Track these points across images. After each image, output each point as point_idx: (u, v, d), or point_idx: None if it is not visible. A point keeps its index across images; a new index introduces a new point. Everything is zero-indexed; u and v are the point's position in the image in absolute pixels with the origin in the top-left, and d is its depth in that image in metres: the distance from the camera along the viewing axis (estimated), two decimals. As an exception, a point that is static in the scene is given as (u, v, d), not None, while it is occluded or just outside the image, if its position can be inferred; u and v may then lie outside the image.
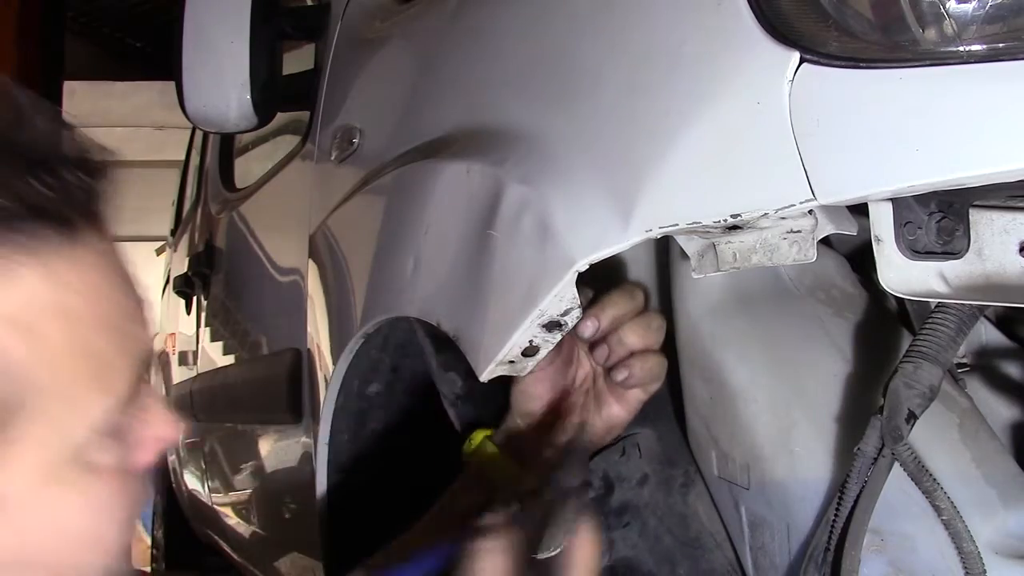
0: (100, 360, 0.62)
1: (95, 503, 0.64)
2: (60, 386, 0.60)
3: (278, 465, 2.16)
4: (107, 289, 0.63)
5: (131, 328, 0.65)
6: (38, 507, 0.61)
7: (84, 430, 0.61)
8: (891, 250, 0.73)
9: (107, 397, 0.62)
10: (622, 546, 1.03)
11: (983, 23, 0.62)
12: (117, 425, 0.64)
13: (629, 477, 1.05)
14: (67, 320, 0.60)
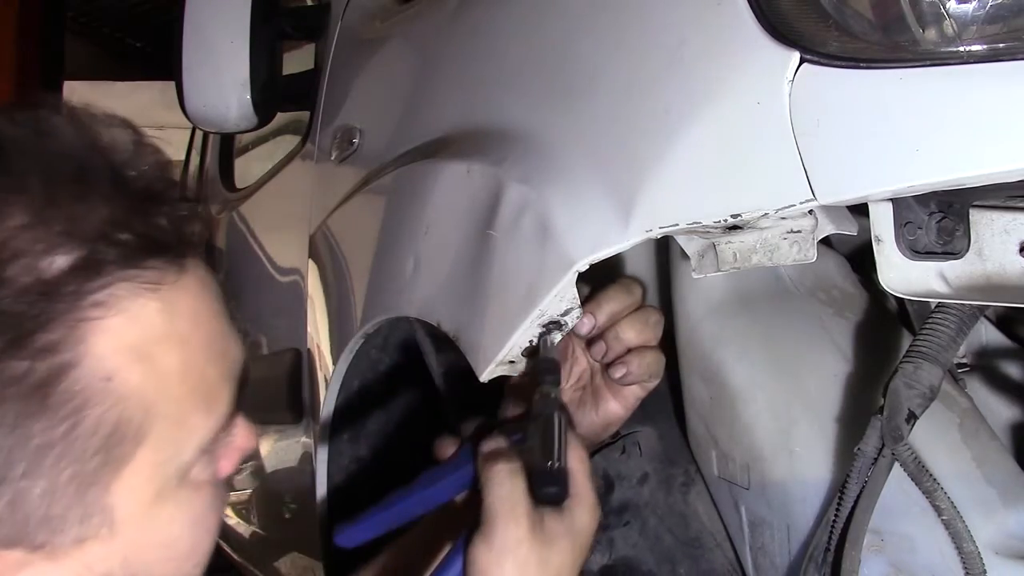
0: (207, 384, 0.66)
1: (194, 517, 0.67)
2: (172, 410, 0.63)
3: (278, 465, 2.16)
4: (208, 314, 0.67)
5: (228, 349, 0.69)
6: (148, 525, 0.64)
7: (192, 451, 0.65)
8: (891, 250, 0.73)
9: (212, 419, 0.66)
10: (622, 545, 1.03)
11: (983, 23, 0.62)
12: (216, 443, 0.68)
13: (629, 475, 1.05)
14: (180, 348, 0.64)
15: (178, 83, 1.58)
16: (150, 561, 0.65)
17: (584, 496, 0.81)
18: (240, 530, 2.74)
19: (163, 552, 0.66)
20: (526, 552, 0.76)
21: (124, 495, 0.62)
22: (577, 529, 0.80)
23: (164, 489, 0.64)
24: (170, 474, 0.64)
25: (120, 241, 0.61)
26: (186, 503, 0.66)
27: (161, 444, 0.63)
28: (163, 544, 0.66)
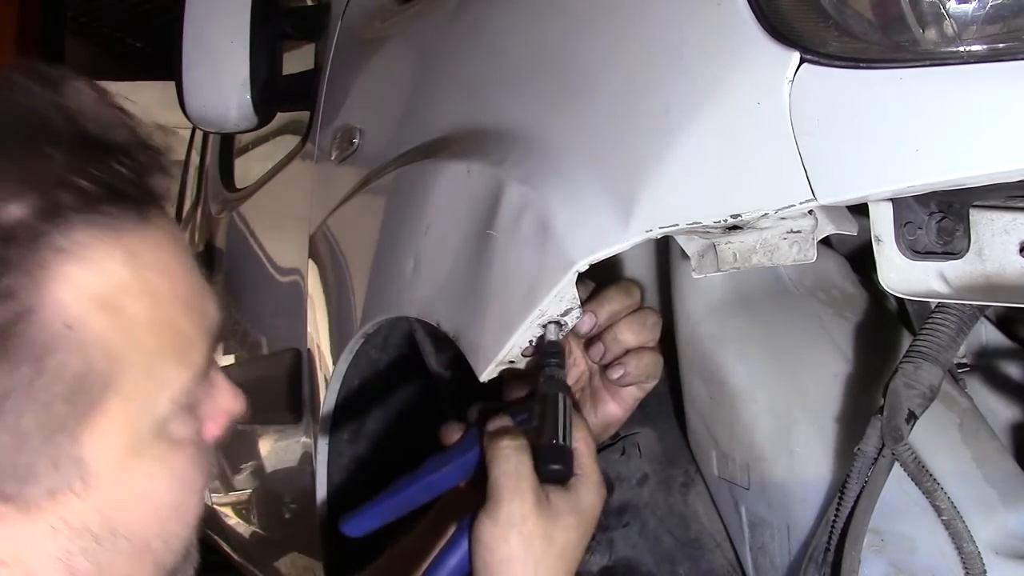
0: (179, 335, 0.65)
1: (177, 474, 0.67)
2: (143, 361, 0.63)
3: (278, 465, 2.16)
4: (177, 267, 0.67)
5: (202, 303, 0.68)
6: (126, 479, 0.64)
7: (166, 403, 0.64)
8: (891, 250, 0.73)
9: (186, 371, 0.65)
10: (622, 546, 1.03)
11: (983, 23, 0.62)
12: (193, 398, 0.67)
13: (629, 477, 1.05)
14: (149, 298, 0.63)
15: (178, 83, 1.58)
16: (131, 518, 0.65)
17: (589, 475, 0.82)
18: (240, 530, 2.74)
19: (144, 509, 0.65)
20: (531, 527, 0.76)
21: (96, 446, 0.62)
22: (583, 507, 0.80)
23: (139, 443, 0.63)
24: (144, 427, 0.64)
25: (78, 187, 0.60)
26: (165, 459, 0.66)
27: (132, 395, 0.62)
28: (143, 500, 0.65)
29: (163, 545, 0.67)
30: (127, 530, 0.65)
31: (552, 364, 0.86)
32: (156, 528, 0.66)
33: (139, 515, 0.65)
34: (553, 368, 0.86)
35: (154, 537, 0.66)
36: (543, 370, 0.86)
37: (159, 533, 0.67)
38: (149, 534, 0.66)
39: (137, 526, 0.65)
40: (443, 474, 0.88)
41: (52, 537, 0.62)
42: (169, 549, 0.68)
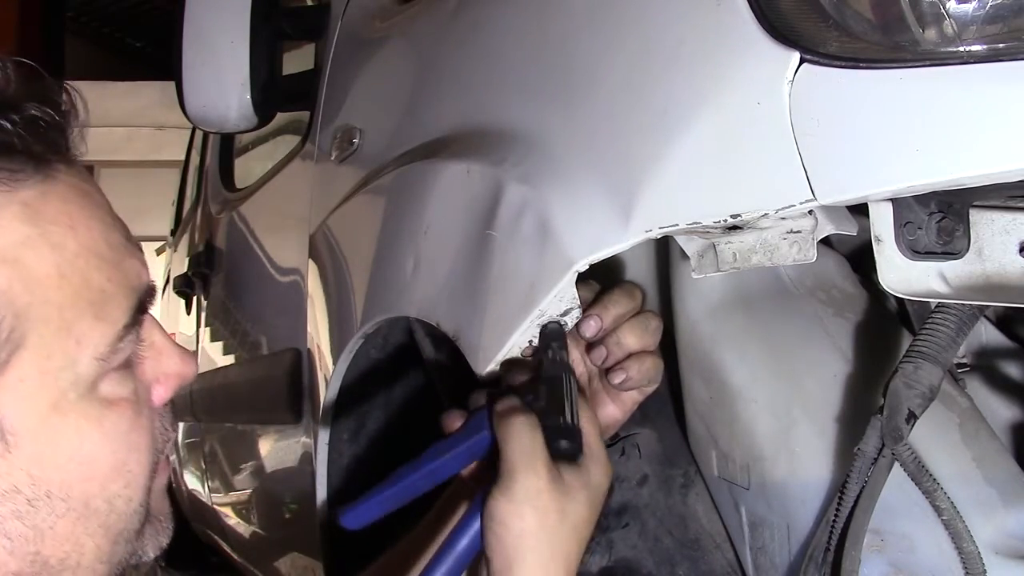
0: (93, 290, 0.64)
1: (112, 433, 0.65)
2: (55, 316, 0.61)
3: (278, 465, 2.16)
4: (89, 221, 0.65)
5: (120, 259, 0.66)
6: (52, 438, 0.62)
7: (87, 360, 0.63)
8: (891, 250, 0.73)
9: (104, 325, 0.64)
10: (622, 547, 1.03)
11: (983, 23, 0.62)
12: (125, 357, 0.66)
13: (629, 477, 1.05)
14: (51, 251, 0.62)
15: (178, 83, 1.58)
16: (65, 479, 0.63)
17: (597, 453, 0.83)
18: (240, 530, 2.74)
19: (78, 469, 0.63)
20: (546, 501, 0.76)
21: (12, 404, 0.60)
22: (593, 483, 0.81)
23: (62, 401, 0.62)
24: (66, 385, 0.62)
25: None
26: (96, 418, 0.64)
27: (46, 351, 0.61)
28: (75, 460, 0.63)
29: (107, 506, 0.65)
30: (62, 491, 0.63)
31: (555, 347, 0.86)
32: (95, 488, 0.65)
33: (73, 475, 0.63)
34: (556, 351, 0.86)
35: (94, 498, 0.65)
36: (546, 353, 0.86)
37: (100, 494, 0.65)
38: (88, 495, 0.64)
39: (73, 487, 0.63)
40: (447, 460, 0.87)
41: None
42: (115, 511, 0.66)
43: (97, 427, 0.64)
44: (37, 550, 0.63)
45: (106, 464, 0.65)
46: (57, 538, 0.64)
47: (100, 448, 0.65)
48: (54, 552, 0.64)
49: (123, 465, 0.66)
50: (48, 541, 0.63)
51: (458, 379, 1.16)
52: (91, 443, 0.64)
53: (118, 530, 0.67)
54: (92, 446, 0.64)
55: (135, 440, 0.67)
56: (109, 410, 0.65)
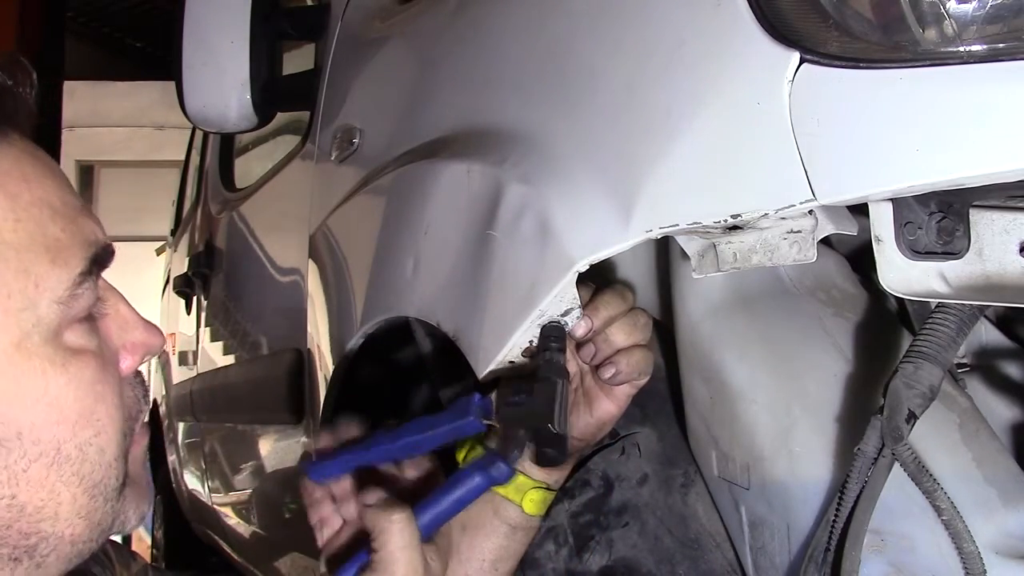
0: (49, 237, 0.66)
1: (77, 379, 0.67)
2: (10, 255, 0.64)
3: (278, 465, 2.16)
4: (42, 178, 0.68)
5: (74, 215, 0.69)
6: (17, 377, 0.64)
7: (46, 302, 0.65)
8: (891, 250, 0.73)
9: (61, 270, 0.66)
10: (621, 546, 1.03)
11: (983, 23, 0.62)
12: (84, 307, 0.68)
13: (629, 476, 1.05)
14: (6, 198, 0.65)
15: (178, 83, 1.58)
16: (35, 422, 0.65)
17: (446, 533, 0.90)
18: (240, 530, 2.74)
19: (46, 411, 0.66)
20: None
21: None
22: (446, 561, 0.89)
23: (25, 342, 0.64)
24: (28, 327, 0.65)
25: None
26: (60, 364, 0.66)
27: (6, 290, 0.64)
28: (42, 402, 0.65)
29: (79, 453, 0.67)
30: (33, 434, 0.65)
31: (553, 348, 0.87)
32: (66, 433, 0.67)
33: (41, 417, 0.66)
34: (554, 352, 0.86)
35: (65, 443, 0.67)
36: (543, 353, 0.87)
37: (71, 439, 0.67)
38: (59, 439, 0.66)
39: (43, 431, 0.66)
40: (427, 436, 0.88)
41: None
42: (87, 459, 0.68)
43: (62, 371, 0.66)
44: (13, 494, 0.65)
45: (73, 409, 0.67)
46: (32, 483, 0.65)
47: (65, 392, 0.67)
48: (30, 499, 0.66)
49: (91, 413, 0.68)
50: (23, 485, 0.65)
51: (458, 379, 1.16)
52: (56, 386, 0.66)
53: (94, 481, 0.69)
54: (58, 389, 0.66)
55: (101, 391, 0.69)
56: (74, 358, 0.67)
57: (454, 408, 0.88)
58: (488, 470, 0.84)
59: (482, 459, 0.85)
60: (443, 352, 1.19)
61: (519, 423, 0.84)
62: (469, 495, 0.84)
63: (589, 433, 0.95)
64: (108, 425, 0.69)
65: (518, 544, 0.98)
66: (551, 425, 0.82)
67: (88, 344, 0.69)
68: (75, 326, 0.68)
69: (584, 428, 0.94)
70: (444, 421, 0.88)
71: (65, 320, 0.67)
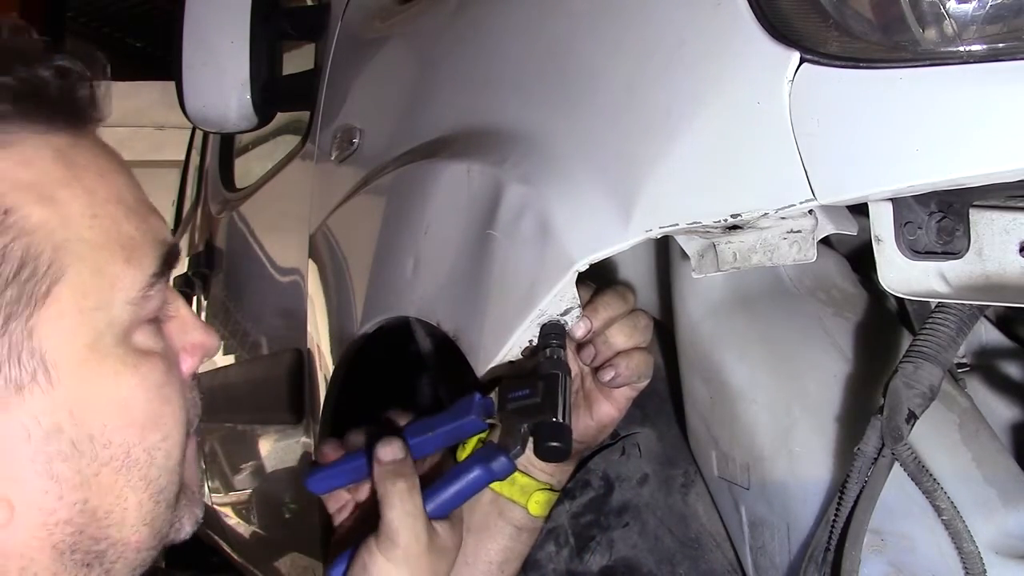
0: (124, 235, 0.66)
1: (147, 382, 0.67)
2: (89, 255, 0.64)
3: (278, 465, 2.16)
4: (116, 175, 0.68)
5: (146, 214, 0.69)
6: (90, 377, 0.64)
7: (120, 303, 0.65)
8: (891, 250, 0.73)
9: (135, 270, 0.66)
10: (622, 546, 1.03)
11: (983, 23, 0.62)
12: (154, 309, 0.68)
13: (629, 477, 1.05)
14: (84, 193, 0.65)
15: (178, 83, 1.58)
16: (105, 424, 0.65)
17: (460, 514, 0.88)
18: (240, 530, 2.74)
19: (117, 414, 0.66)
20: (424, 565, 0.82)
21: (52, 338, 0.63)
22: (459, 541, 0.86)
23: (98, 343, 0.64)
24: (102, 327, 0.65)
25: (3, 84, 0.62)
26: (132, 365, 0.66)
27: (82, 289, 0.64)
28: (114, 405, 0.65)
29: (147, 457, 0.67)
30: (104, 437, 0.65)
31: (554, 344, 0.87)
32: (135, 437, 0.67)
33: (112, 420, 0.65)
34: (555, 348, 0.87)
35: (134, 447, 0.67)
36: (544, 350, 0.87)
37: (139, 443, 0.67)
38: (129, 443, 0.66)
39: (114, 434, 0.66)
40: (429, 438, 0.88)
41: (26, 439, 0.62)
42: (155, 464, 0.68)
43: (133, 373, 0.66)
44: (85, 498, 0.65)
45: (142, 413, 0.67)
46: (102, 488, 0.65)
47: (136, 395, 0.67)
48: (100, 503, 0.66)
49: (159, 417, 0.68)
50: (94, 490, 0.65)
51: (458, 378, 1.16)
52: (127, 388, 0.66)
53: (159, 487, 0.69)
54: (128, 392, 0.66)
55: (168, 394, 0.69)
56: (143, 360, 0.67)
57: (455, 408, 0.88)
58: (488, 463, 0.84)
59: (482, 452, 0.85)
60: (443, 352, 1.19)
61: (522, 419, 0.84)
62: (469, 487, 0.84)
63: (589, 435, 0.95)
64: (174, 429, 0.69)
65: (523, 545, 0.98)
66: (556, 417, 0.82)
67: (155, 346, 0.69)
68: (144, 327, 0.68)
69: (584, 430, 0.94)
70: (446, 421, 0.88)
71: (136, 321, 0.67)
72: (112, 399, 0.65)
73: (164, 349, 0.70)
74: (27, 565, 0.64)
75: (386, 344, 1.33)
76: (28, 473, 0.63)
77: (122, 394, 0.66)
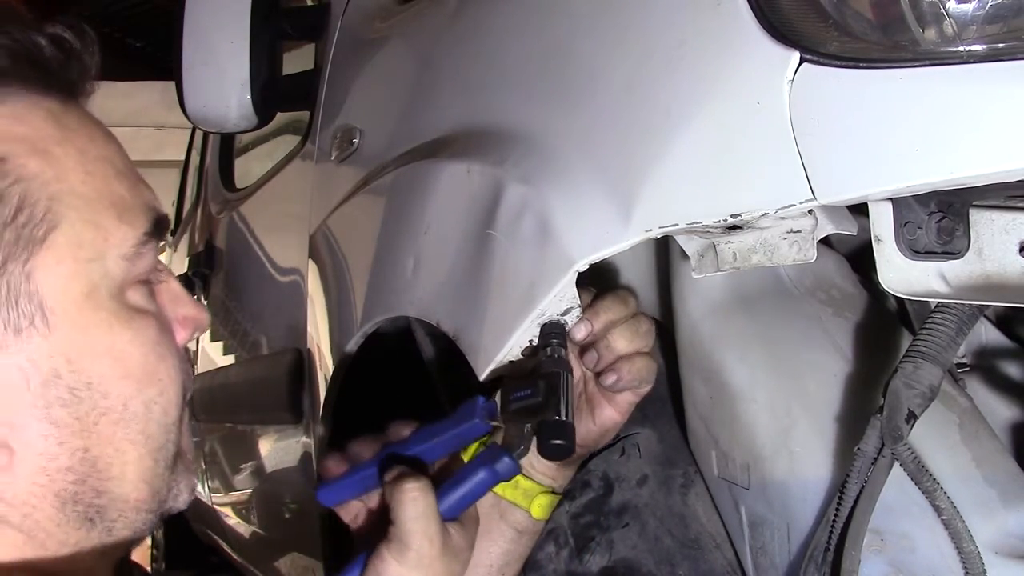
0: (116, 194, 0.68)
1: (141, 337, 0.69)
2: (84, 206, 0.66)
3: (278, 465, 2.16)
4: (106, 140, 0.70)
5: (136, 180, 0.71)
6: (86, 325, 0.66)
7: (113, 257, 0.67)
8: (891, 250, 0.73)
9: (127, 227, 0.68)
10: (621, 546, 1.03)
11: (983, 23, 0.62)
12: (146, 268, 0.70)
13: (629, 477, 1.05)
14: (76, 152, 0.67)
15: (178, 83, 1.58)
16: (102, 373, 0.66)
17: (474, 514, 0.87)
18: (240, 530, 2.74)
19: (113, 365, 0.67)
20: (437, 568, 0.81)
21: (50, 283, 0.64)
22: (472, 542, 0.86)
23: (95, 294, 0.66)
24: (97, 278, 0.66)
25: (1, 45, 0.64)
26: (126, 319, 0.68)
27: (77, 239, 0.65)
28: (110, 355, 0.67)
29: (144, 411, 0.69)
30: (101, 386, 0.66)
31: (554, 344, 0.87)
32: (131, 389, 0.68)
33: (108, 370, 0.67)
34: (556, 347, 0.87)
35: (132, 399, 0.68)
36: (545, 349, 0.87)
37: (137, 396, 0.68)
38: (126, 395, 0.68)
39: (111, 385, 0.67)
40: (434, 445, 0.88)
41: (25, 384, 0.64)
42: (152, 419, 0.69)
43: (128, 327, 0.68)
44: (86, 447, 0.66)
45: (138, 367, 0.68)
46: (102, 438, 0.67)
47: (132, 348, 0.68)
48: (100, 453, 0.67)
49: (155, 372, 0.70)
50: (94, 439, 0.67)
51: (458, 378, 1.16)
52: (123, 340, 0.68)
53: (158, 444, 0.70)
54: (124, 344, 0.68)
55: (163, 352, 0.70)
56: (137, 316, 0.69)
57: (459, 413, 0.88)
58: (493, 465, 0.84)
59: (486, 454, 0.85)
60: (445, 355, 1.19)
61: (525, 418, 0.84)
62: (476, 489, 0.84)
63: (592, 440, 0.95)
64: (169, 386, 0.71)
65: (524, 548, 0.98)
66: (559, 415, 0.81)
67: (148, 306, 0.70)
68: (136, 286, 0.69)
69: (587, 435, 0.93)
70: (449, 427, 0.87)
71: (129, 278, 0.68)
72: (108, 349, 0.67)
73: (157, 312, 0.71)
74: (29, 512, 0.66)
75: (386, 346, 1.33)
76: (27, 418, 0.64)
77: (118, 346, 0.67)
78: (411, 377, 1.38)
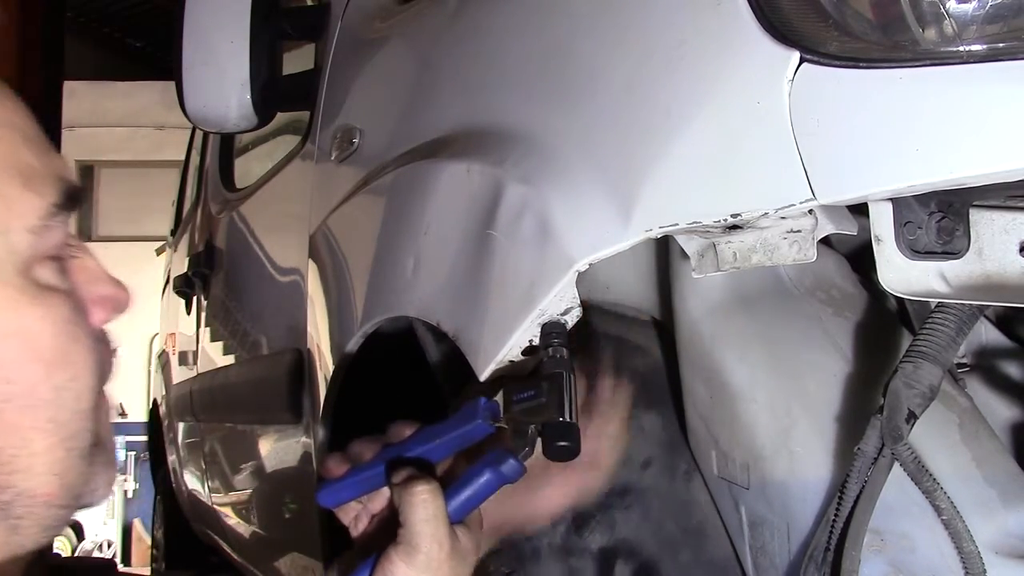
0: (19, 160, 0.63)
1: (52, 317, 0.63)
2: None
3: (278, 465, 2.16)
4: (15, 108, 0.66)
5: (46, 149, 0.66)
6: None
7: (18, 229, 0.62)
8: (891, 250, 0.73)
9: (34, 196, 0.63)
10: (623, 527, 1.02)
11: (983, 23, 0.62)
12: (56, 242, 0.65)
13: (633, 458, 1.05)
14: None
15: (178, 83, 1.58)
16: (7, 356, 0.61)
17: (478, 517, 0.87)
18: (240, 530, 2.74)
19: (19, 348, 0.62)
20: (446, 571, 0.80)
21: None
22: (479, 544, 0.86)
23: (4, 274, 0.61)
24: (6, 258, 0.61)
25: None
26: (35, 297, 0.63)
27: None
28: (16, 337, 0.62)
29: (54, 396, 0.63)
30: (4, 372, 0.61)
31: (555, 344, 0.87)
32: (40, 374, 0.63)
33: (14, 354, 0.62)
34: (557, 347, 0.86)
35: (40, 384, 0.63)
36: (546, 350, 0.87)
37: (45, 380, 0.63)
38: (34, 380, 0.62)
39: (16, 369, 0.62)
40: (436, 446, 0.88)
41: None
42: (63, 406, 0.64)
43: (36, 305, 0.63)
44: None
45: (48, 349, 0.63)
46: (5, 428, 0.62)
47: (40, 328, 0.63)
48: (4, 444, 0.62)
49: (66, 354, 0.64)
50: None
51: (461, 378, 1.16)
52: (31, 320, 0.62)
53: (70, 432, 0.65)
54: (32, 324, 0.62)
55: (76, 333, 0.65)
56: (47, 295, 0.64)
57: (461, 413, 0.88)
58: (498, 466, 0.84)
59: (491, 455, 0.84)
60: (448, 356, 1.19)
61: (529, 420, 0.84)
62: (481, 491, 0.84)
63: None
64: (83, 371, 0.65)
65: None
66: (563, 417, 0.82)
67: (60, 284, 0.65)
68: (46, 263, 0.64)
69: None
70: (452, 428, 0.87)
71: (37, 253, 0.63)
72: (14, 331, 0.62)
73: (70, 290, 0.66)
74: None
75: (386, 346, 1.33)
76: None
77: (24, 326, 0.62)
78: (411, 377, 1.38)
